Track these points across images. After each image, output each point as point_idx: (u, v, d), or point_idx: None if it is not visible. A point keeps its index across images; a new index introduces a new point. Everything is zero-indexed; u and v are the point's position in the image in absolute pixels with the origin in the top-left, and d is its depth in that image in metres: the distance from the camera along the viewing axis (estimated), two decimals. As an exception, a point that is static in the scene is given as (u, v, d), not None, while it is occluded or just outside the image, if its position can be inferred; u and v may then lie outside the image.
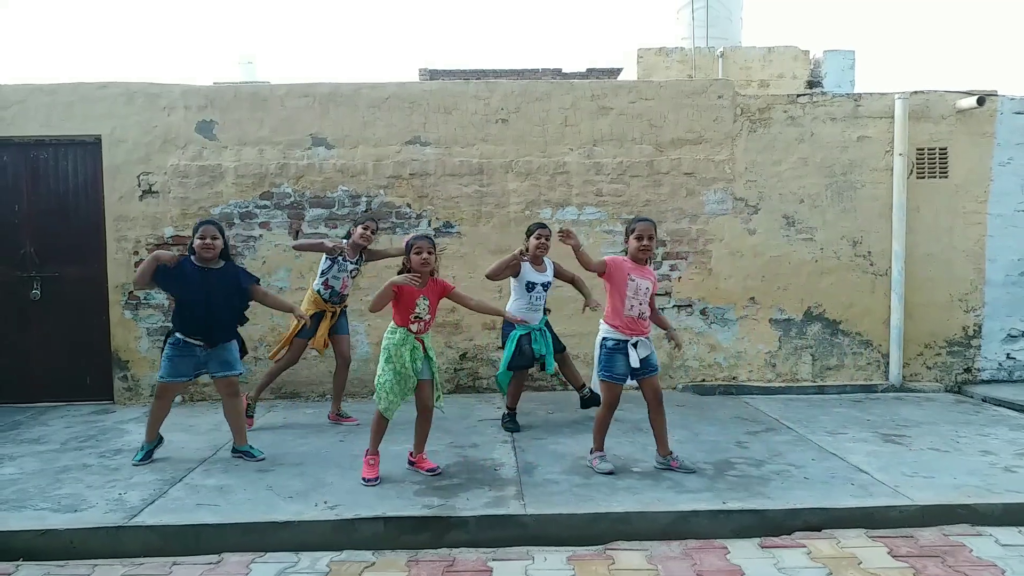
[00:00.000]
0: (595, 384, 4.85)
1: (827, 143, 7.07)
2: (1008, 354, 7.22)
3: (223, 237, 4.87)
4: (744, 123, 7.06)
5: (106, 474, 4.73)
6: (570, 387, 6.23)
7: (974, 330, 7.18)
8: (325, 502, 4.15)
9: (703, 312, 7.12)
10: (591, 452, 4.79)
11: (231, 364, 4.95)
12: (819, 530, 3.90)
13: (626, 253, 4.76)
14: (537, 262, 5.63)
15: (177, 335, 4.83)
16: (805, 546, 3.70)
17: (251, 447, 5.05)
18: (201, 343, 4.84)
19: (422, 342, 4.58)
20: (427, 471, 4.69)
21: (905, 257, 7.00)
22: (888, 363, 7.10)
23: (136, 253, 6.81)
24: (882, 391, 6.99)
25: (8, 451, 5.33)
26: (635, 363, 4.61)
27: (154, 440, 5.03)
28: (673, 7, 15.42)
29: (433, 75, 15.70)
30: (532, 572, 3.46)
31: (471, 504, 4.10)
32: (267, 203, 6.91)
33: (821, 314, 7.14)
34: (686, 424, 5.82)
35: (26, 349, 6.84)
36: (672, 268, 7.09)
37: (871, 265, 7.12)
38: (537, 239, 5.55)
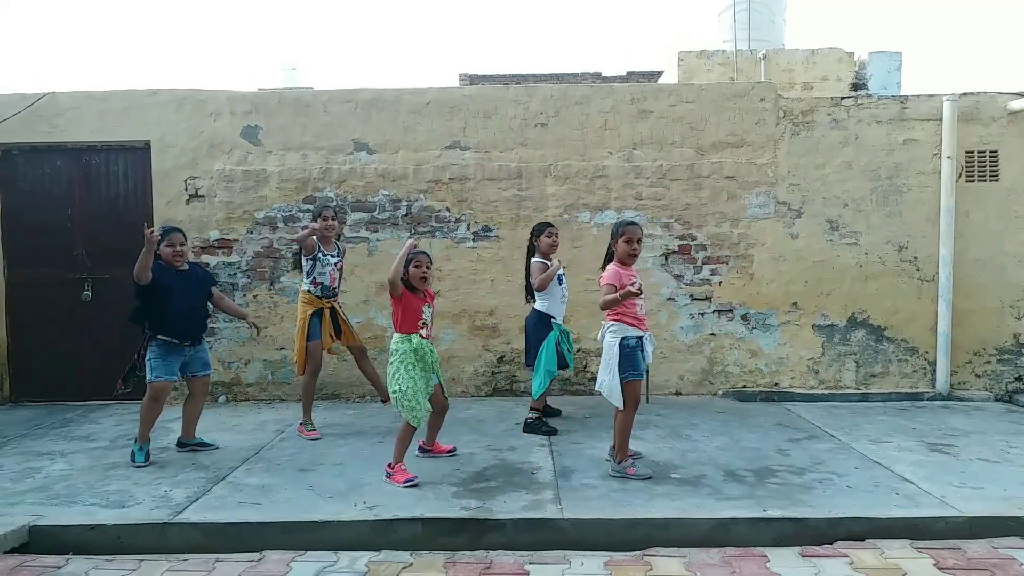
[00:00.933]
0: (608, 390, 4.56)
1: (872, 146, 6.94)
2: (1062, 363, 7.00)
3: (187, 243, 5.24)
4: (787, 126, 6.97)
5: (152, 471, 4.85)
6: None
7: (1026, 338, 6.98)
8: (364, 502, 4.20)
9: (744, 317, 7.04)
10: (616, 461, 4.66)
11: (209, 363, 5.36)
12: (862, 540, 3.82)
13: (612, 258, 4.72)
14: (548, 257, 5.75)
15: (160, 337, 4.99)
16: (847, 556, 3.64)
17: (202, 438, 5.40)
18: (188, 343, 5.09)
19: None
20: (447, 452, 5.07)
21: (953, 262, 6.83)
22: (935, 371, 6.93)
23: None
24: (928, 399, 6.83)
25: (59, 448, 5.49)
26: (649, 358, 4.67)
27: (148, 441, 5.09)
28: (714, 10, 15.29)
29: (473, 80, 15.76)
30: (569, 576, 3.46)
31: (508, 507, 4.11)
32: (310, 207, 7.00)
33: (865, 320, 7.00)
34: (727, 431, 5.75)
35: (77, 349, 7.04)
36: (713, 272, 7.02)
37: (918, 270, 6.96)
38: (548, 237, 5.71)
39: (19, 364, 7.10)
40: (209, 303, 5.39)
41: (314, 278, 5.78)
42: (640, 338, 4.60)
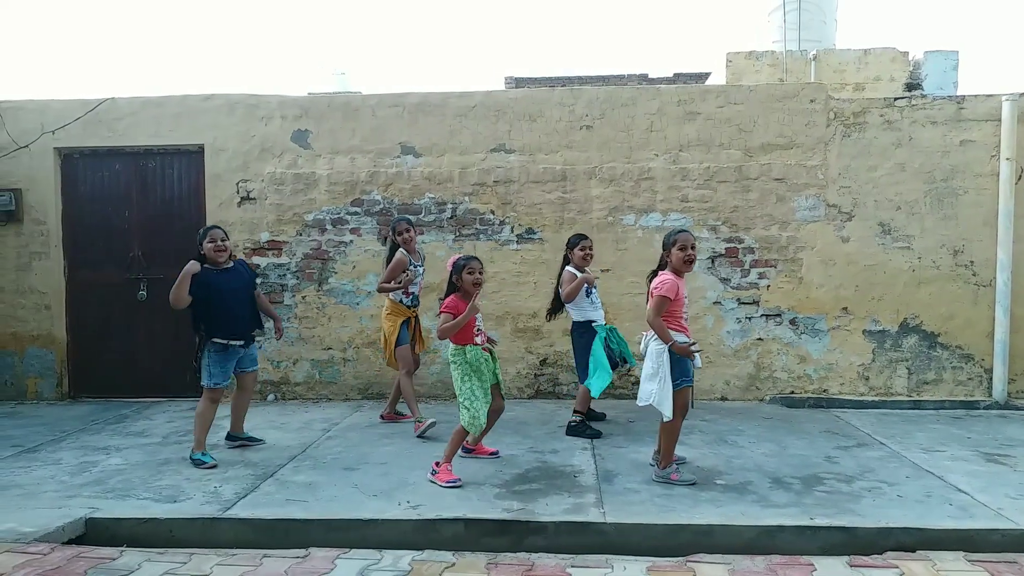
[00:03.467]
0: (658, 400, 4.46)
1: (927, 148, 6.77)
2: None
3: (228, 240, 5.23)
4: (838, 127, 6.84)
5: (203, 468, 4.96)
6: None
7: (1089, 345, 6.73)
8: (408, 502, 4.24)
9: (792, 322, 6.92)
10: (661, 467, 4.63)
11: (256, 359, 5.47)
12: (913, 551, 3.73)
13: (665, 267, 4.63)
14: (582, 269, 5.75)
15: (216, 340, 5.04)
16: (897, 567, 3.55)
17: (250, 433, 5.55)
18: (242, 343, 5.15)
19: (488, 351, 4.78)
20: (489, 454, 5.08)
21: (1012, 267, 6.62)
22: (991, 379, 6.72)
23: (233, 257, 7.11)
24: (984, 408, 6.62)
25: (115, 443, 5.66)
26: (698, 362, 4.62)
27: (205, 450, 5.10)
28: (764, 10, 15.06)
29: (519, 83, 15.81)
30: (611, 580, 3.44)
31: (550, 510, 4.11)
32: (357, 210, 7.11)
33: (918, 326, 6.83)
34: (774, 437, 5.66)
35: (133, 347, 7.26)
36: (761, 276, 6.92)
37: (974, 275, 6.77)
38: (582, 251, 5.71)
39: (78, 361, 7.34)
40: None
41: (407, 288, 5.91)
42: (691, 344, 4.55)
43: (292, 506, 4.23)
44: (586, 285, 5.66)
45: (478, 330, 4.74)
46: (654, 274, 4.68)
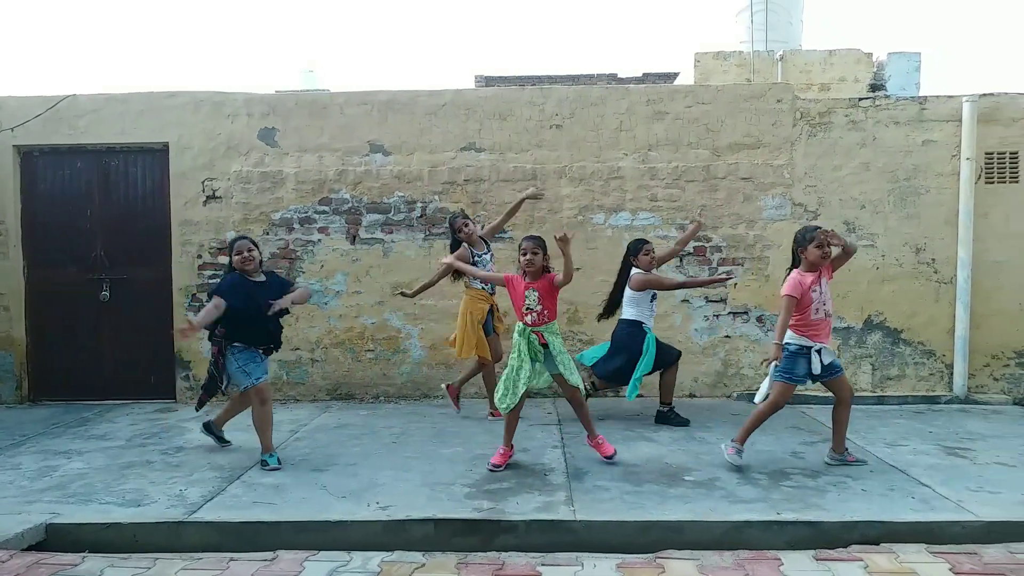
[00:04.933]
0: (761, 391, 4.81)
1: (890, 147, 6.89)
2: (1083, 367, 6.91)
3: (257, 248, 5.05)
4: (804, 127, 6.93)
5: (168, 470, 4.89)
6: (620, 393, 6.25)
7: (1046, 341, 6.89)
8: (377, 503, 4.22)
9: (759, 319, 7.00)
10: (731, 441, 4.84)
11: (236, 383, 5.10)
12: (877, 544, 3.78)
13: (797, 264, 4.76)
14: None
15: (237, 343, 4.93)
16: (862, 560, 3.60)
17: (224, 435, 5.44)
18: (263, 352, 5.01)
19: (539, 334, 4.77)
20: (605, 457, 4.93)
21: (972, 265, 6.77)
22: (952, 374, 6.87)
23: (199, 256, 7.03)
24: (945, 403, 6.76)
25: (76, 446, 5.55)
26: (817, 369, 4.67)
27: (273, 450, 4.99)
28: (731, 11, 15.23)
29: (489, 82, 15.78)
30: (581, 578, 3.45)
31: (521, 508, 4.11)
32: (326, 208, 7.05)
33: (882, 322, 6.95)
34: (740, 433, 5.72)
35: (95, 348, 7.12)
36: (728, 274, 6.99)
37: (935, 273, 6.90)
38: (646, 255, 5.90)
39: (38, 363, 7.19)
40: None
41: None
42: (805, 347, 4.66)
43: (260, 508, 4.18)
44: (652, 291, 5.91)
45: (527, 309, 4.77)
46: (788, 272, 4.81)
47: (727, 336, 7.01)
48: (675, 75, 15.68)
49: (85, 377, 7.12)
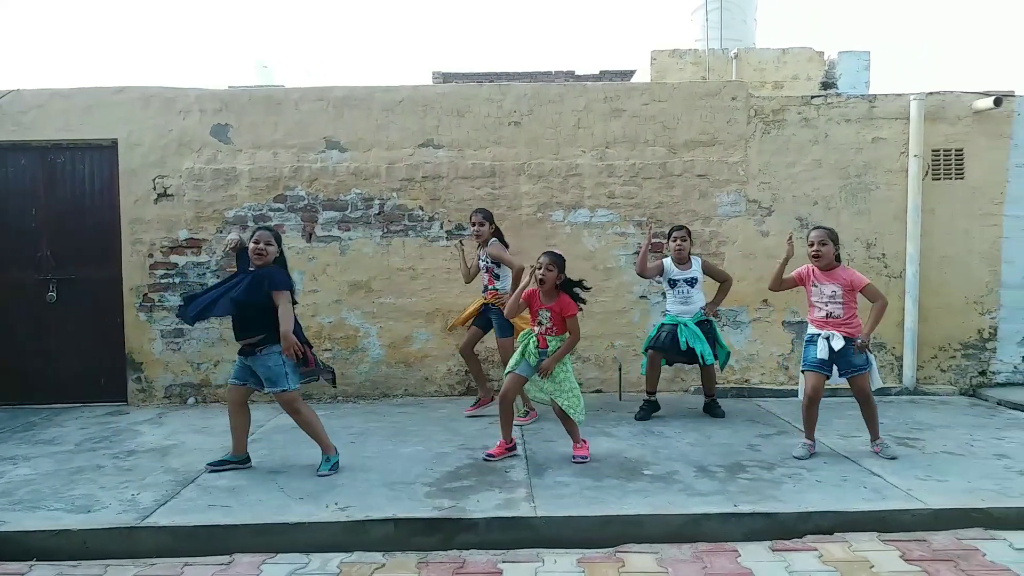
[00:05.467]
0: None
1: (841, 144, 7.03)
2: (1023, 357, 7.15)
3: (278, 244, 4.79)
4: (758, 125, 7.03)
5: (119, 475, 4.77)
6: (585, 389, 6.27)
7: (989, 333, 7.11)
8: (336, 503, 4.17)
9: (715, 314, 7.07)
10: (802, 442, 5.08)
11: (272, 381, 4.62)
12: (831, 533, 3.87)
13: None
14: (681, 261, 6.07)
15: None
16: (816, 549, 3.68)
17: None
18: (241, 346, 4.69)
19: (541, 337, 4.88)
20: (578, 456, 4.93)
21: (920, 259, 6.94)
22: (902, 366, 7.04)
23: (151, 255, 6.87)
24: (895, 394, 6.93)
25: (23, 452, 5.39)
26: (823, 354, 4.89)
27: (334, 452, 4.83)
28: (687, 9, 15.37)
29: (446, 78, 15.72)
30: (542, 574, 3.46)
31: (482, 506, 4.10)
32: (281, 206, 6.95)
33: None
34: (699, 427, 5.80)
35: (42, 351, 6.91)
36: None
37: (885, 267, 7.06)
38: (674, 241, 6.06)
39: (-18, 367, 6.95)
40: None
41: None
42: (815, 335, 5.00)
43: (215, 512, 4.10)
44: (670, 279, 6.05)
45: (538, 323, 4.90)
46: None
47: (684, 331, 7.07)
48: (632, 73, 15.81)
49: (32, 380, 6.90)
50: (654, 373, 6.17)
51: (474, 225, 6.04)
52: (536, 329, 4.90)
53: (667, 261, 6.10)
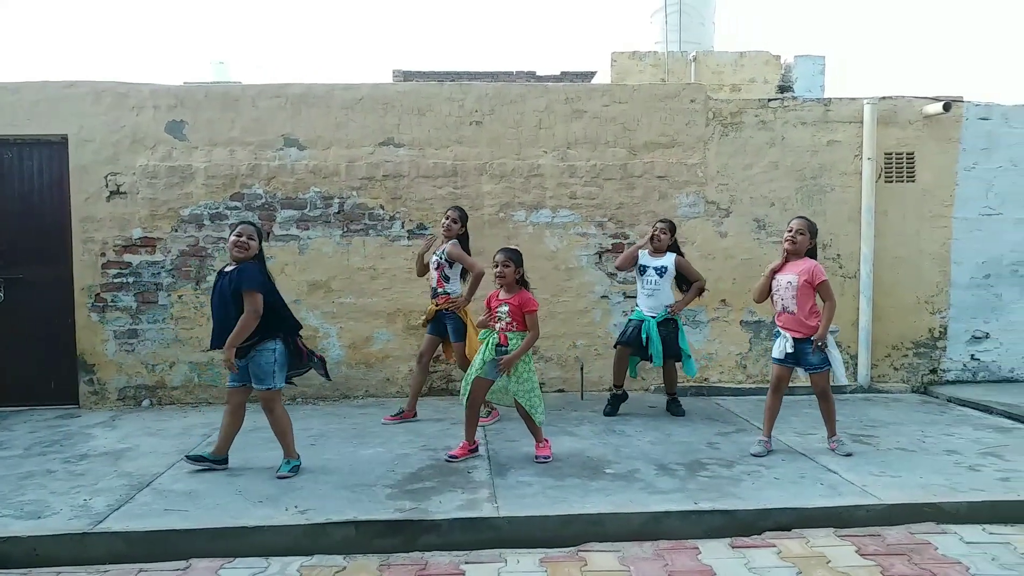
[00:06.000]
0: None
1: (797, 147, 7.15)
2: (972, 355, 7.35)
3: (259, 240, 4.71)
4: (716, 127, 7.12)
5: (71, 480, 4.64)
6: (545, 388, 6.26)
7: (940, 332, 7.30)
8: (296, 506, 4.11)
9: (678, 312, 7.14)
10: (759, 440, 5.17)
11: (259, 378, 4.64)
12: (789, 530, 3.93)
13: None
14: (657, 251, 6.11)
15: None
16: (775, 546, 3.73)
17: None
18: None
19: (502, 334, 4.85)
20: (540, 456, 4.94)
21: (873, 260, 7.10)
22: (857, 364, 7.19)
23: (103, 255, 6.70)
24: (850, 392, 7.07)
25: (-31, 457, 5.21)
26: (778, 353, 5.05)
27: (295, 456, 4.78)
28: (646, 11, 15.52)
29: (407, 76, 15.63)
30: (505, 574, 3.46)
31: (444, 507, 4.08)
32: (238, 204, 6.83)
33: (791, 316, 7.20)
34: (659, 426, 5.85)
35: (-11, 352, 6.69)
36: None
37: (840, 267, 7.21)
38: (654, 230, 6.10)
39: (-75, 369, 6.71)
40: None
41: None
42: (778, 330, 5.11)
43: (171, 516, 4.01)
44: (640, 264, 6.08)
45: (497, 319, 4.88)
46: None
47: (645, 331, 7.13)
48: (592, 74, 15.90)
49: (-23, 383, 6.68)
50: (621, 368, 6.19)
51: (447, 219, 5.84)
52: (497, 326, 4.88)
53: (642, 251, 6.13)
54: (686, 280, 6.17)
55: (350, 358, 6.97)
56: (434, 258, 5.94)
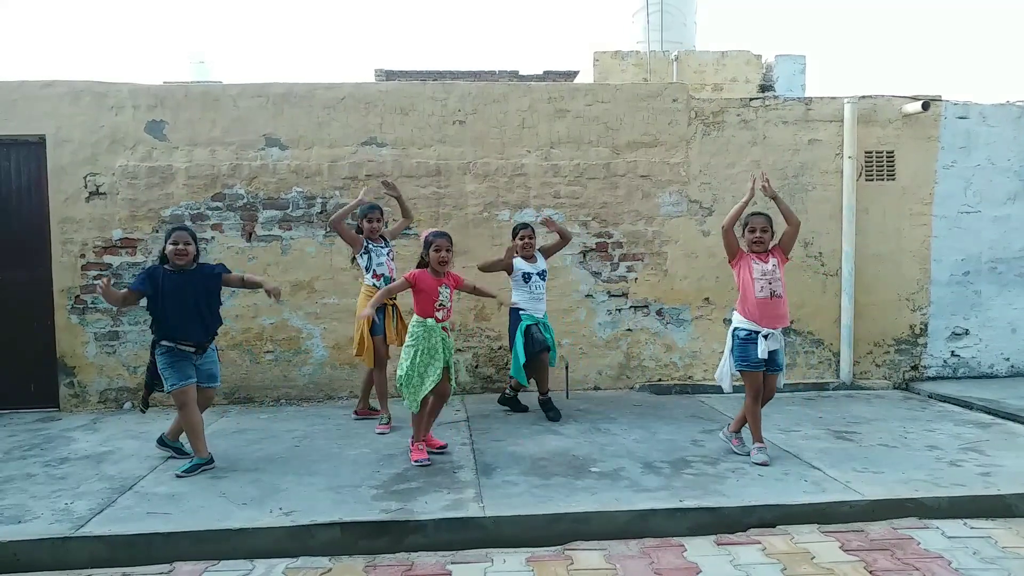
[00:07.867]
0: (721, 378, 5.04)
1: (779, 146, 7.20)
2: (952, 352, 7.43)
3: (195, 242, 4.82)
4: (698, 126, 7.15)
5: (52, 483, 4.59)
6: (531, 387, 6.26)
7: (920, 328, 7.38)
8: (280, 508, 4.08)
9: (659, 313, 7.18)
10: (753, 443, 4.91)
11: (215, 375, 4.94)
12: (773, 527, 3.96)
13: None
14: (527, 258, 6.03)
15: (165, 343, 4.71)
16: (760, 542, 3.76)
17: (181, 444, 5.10)
18: (192, 348, 4.75)
19: (446, 330, 4.86)
20: (438, 448, 5.05)
21: (855, 257, 7.16)
22: (839, 361, 7.25)
23: (83, 256, 6.63)
24: (833, 389, 7.14)
25: (-53, 461, 5.13)
26: (763, 354, 4.76)
27: (206, 456, 4.79)
28: (628, 11, 15.55)
29: (389, 76, 15.60)
30: (491, 574, 3.45)
31: (430, 507, 4.07)
32: (219, 204, 6.78)
33: (774, 314, 7.25)
34: (644, 424, 5.86)
35: (-34, 355, 6.60)
36: (629, 269, 7.14)
37: (822, 265, 7.26)
38: (520, 239, 5.99)
39: (-100, 373, 6.60)
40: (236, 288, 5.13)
41: (374, 271, 5.78)
42: (753, 332, 4.79)
43: (154, 519, 3.97)
44: (524, 272, 5.96)
45: (440, 305, 4.79)
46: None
47: (629, 329, 7.17)
48: (575, 73, 15.93)
49: (-46, 387, 6.58)
50: (544, 373, 6.05)
51: (372, 221, 5.83)
52: (439, 316, 4.82)
53: (517, 260, 5.99)
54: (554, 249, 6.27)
55: (334, 359, 6.93)
56: (384, 250, 5.89)
